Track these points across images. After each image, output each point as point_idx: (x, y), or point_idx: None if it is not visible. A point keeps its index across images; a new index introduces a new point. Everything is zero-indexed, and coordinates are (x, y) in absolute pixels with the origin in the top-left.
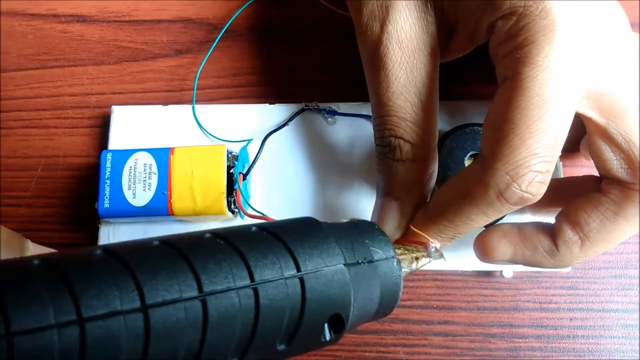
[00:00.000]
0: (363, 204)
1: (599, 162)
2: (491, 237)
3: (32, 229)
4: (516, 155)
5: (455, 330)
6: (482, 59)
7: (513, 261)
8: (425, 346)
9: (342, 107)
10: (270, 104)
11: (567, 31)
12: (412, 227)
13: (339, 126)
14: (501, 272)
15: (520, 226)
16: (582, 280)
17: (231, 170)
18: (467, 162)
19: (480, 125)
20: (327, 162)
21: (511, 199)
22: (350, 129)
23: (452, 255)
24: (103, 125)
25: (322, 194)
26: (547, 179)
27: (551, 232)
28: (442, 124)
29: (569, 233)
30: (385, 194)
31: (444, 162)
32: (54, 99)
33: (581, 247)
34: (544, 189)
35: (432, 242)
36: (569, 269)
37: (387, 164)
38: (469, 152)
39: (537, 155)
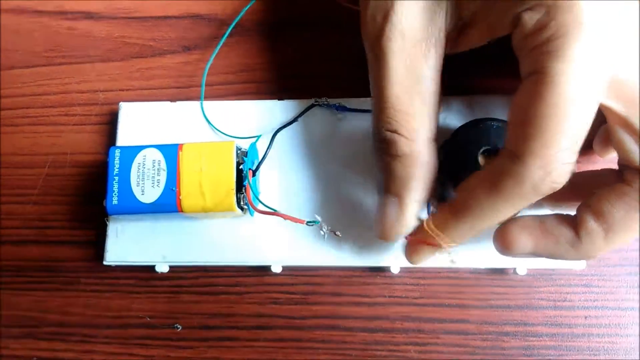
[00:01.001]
0: (374, 201)
1: (621, 153)
2: (512, 230)
3: (39, 227)
4: (548, 150)
5: (468, 328)
6: (494, 52)
7: (534, 254)
8: (437, 345)
9: (352, 102)
10: (279, 99)
11: (596, 24)
12: (425, 227)
13: (348, 122)
14: (514, 269)
15: (540, 218)
16: (597, 278)
17: (240, 167)
18: (480, 158)
19: (494, 120)
20: (337, 158)
21: (544, 191)
22: (361, 125)
23: (465, 253)
24: (111, 122)
25: (332, 190)
26: (573, 167)
27: (573, 224)
28: (454, 119)
29: (592, 224)
30: (385, 191)
31: (457, 157)
32: (61, 96)
33: (605, 237)
34: (569, 175)
35: (445, 245)
36: (583, 266)
37: (384, 160)
38: (482, 147)
39: (567, 149)
